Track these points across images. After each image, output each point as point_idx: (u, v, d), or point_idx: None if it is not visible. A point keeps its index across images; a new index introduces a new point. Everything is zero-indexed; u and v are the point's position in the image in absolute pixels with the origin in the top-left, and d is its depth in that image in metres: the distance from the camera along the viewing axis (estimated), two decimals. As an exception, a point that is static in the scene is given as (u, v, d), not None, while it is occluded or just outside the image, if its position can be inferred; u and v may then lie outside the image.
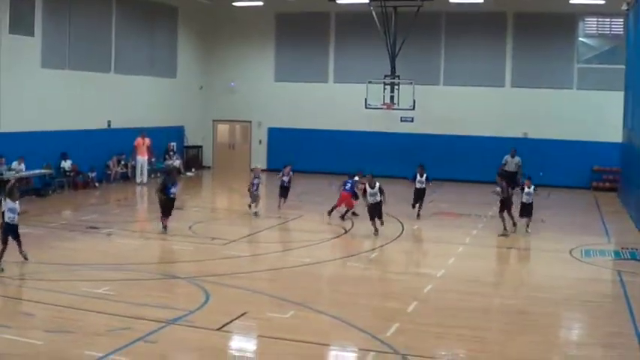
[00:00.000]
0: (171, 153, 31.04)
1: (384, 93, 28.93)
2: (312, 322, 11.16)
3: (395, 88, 28.74)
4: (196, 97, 33.52)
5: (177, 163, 30.87)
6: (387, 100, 28.70)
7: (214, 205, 25.12)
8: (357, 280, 14.06)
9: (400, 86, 28.63)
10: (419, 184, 20.81)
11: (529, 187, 19.01)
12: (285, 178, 21.30)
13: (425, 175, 20.82)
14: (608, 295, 13.64)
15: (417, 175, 20.83)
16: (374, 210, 18.28)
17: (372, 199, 18.28)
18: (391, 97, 28.74)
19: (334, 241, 17.85)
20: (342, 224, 19.43)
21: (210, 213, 22.15)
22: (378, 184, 18.25)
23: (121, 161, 28.00)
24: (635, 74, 23.73)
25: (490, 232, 18.70)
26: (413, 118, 30.47)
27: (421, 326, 10.97)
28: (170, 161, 30.60)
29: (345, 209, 20.19)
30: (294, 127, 32.68)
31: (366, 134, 31.56)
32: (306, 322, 11.13)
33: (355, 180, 20.45)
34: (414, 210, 20.78)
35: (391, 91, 28.83)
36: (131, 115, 28.16)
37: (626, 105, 26.69)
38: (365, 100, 28.79)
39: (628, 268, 15.42)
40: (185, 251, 16.03)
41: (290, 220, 20.19)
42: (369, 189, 18.29)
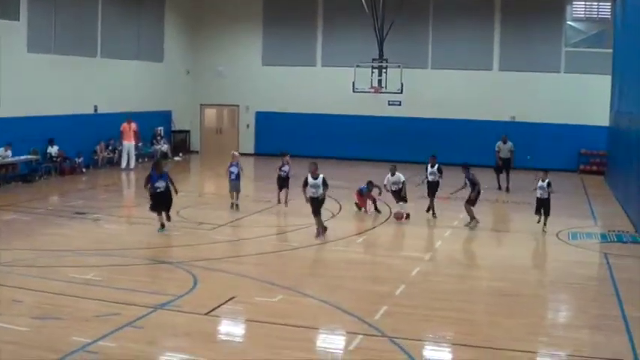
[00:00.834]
0: (159, 138, 30.99)
1: (371, 76, 28.80)
2: (300, 306, 11.20)
3: (383, 71, 28.65)
4: (184, 82, 33.35)
5: (164, 147, 30.83)
6: (375, 84, 28.62)
7: (202, 190, 25.05)
8: (345, 264, 14.10)
9: (388, 70, 28.51)
10: (431, 176, 18.81)
11: (543, 181, 17.03)
12: (286, 167, 19.65)
13: (437, 166, 18.76)
14: (594, 278, 13.77)
15: (428, 166, 18.93)
16: (315, 204, 15.80)
17: (312, 191, 15.78)
18: (379, 81, 28.65)
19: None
20: (330, 209, 19.36)
21: (198, 198, 22.09)
22: (321, 175, 15.59)
23: (109, 146, 27.89)
24: (623, 58, 23.82)
25: (478, 216, 18.76)
26: (400, 101, 30.52)
27: (409, 309, 11.04)
28: (158, 146, 30.54)
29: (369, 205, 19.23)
30: (281, 111, 32.65)
31: (354, 118, 31.58)
32: (295, 306, 11.16)
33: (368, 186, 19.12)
34: (428, 212, 18.96)
35: (379, 75, 28.72)
36: (118, 100, 27.98)
37: (614, 89, 26.79)
38: (353, 84, 28.73)
39: (614, 250, 15.55)
40: (173, 236, 15.99)
41: (278, 205, 20.14)
42: (310, 179, 15.66)
